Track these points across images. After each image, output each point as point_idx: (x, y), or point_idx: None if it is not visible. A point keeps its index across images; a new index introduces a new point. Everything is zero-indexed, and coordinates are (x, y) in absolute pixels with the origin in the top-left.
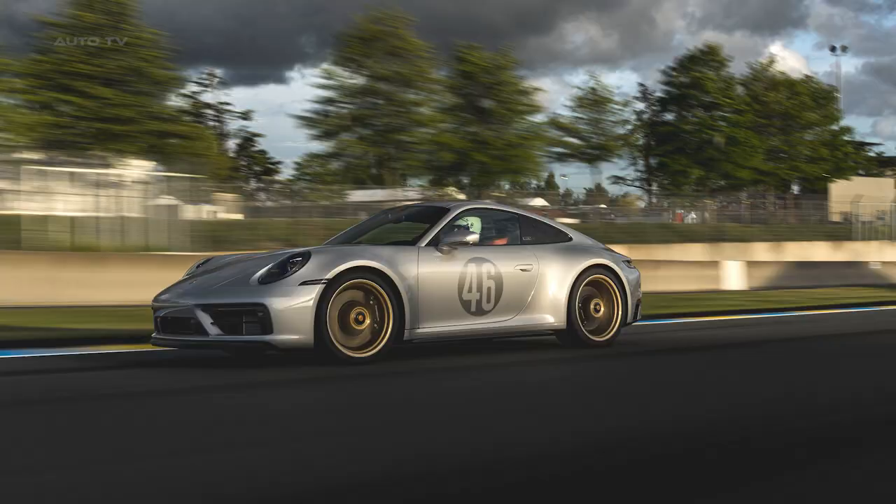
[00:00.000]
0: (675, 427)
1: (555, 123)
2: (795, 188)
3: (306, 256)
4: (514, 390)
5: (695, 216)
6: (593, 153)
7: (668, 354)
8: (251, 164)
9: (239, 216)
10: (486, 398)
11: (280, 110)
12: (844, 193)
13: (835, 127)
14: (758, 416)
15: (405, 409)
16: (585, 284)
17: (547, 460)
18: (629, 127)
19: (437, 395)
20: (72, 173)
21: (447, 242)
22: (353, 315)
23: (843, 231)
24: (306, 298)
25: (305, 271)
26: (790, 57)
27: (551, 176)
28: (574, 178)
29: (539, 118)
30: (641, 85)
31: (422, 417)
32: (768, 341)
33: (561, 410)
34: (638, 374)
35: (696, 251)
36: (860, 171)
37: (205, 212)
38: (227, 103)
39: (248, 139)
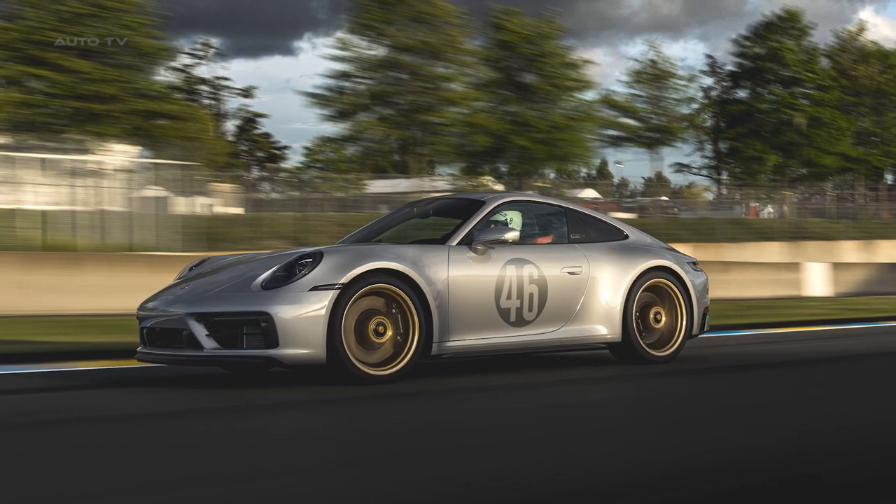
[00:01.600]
0: (748, 457)
1: (608, 102)
2: (889, 177)
3: (317, 257)
4: (560, 414)
5: (772, 210)
6: (653, 137)
7: (740, 372)
8: (253, 149)
9: (239, 210)
10: (526, 423)
11: (287, 86)
12: None
13: None
14: (846, 443)
15: (432, 436)
16: (644, 290)
17: (595, 496)
18: (695, 106)
19: (469, 420)
20: (44, 160)
21: (482, 241)
22: (372, 326)
23: None
24: (317, 306)
25: (316, 275)
26: (883, 24)
27: (604, 163)
28: (630, 165)
29: (590, 96)
30: (709, 57)
31: (451, 445)
32: (858, 356)
33: (614, 437)
34: (704, 395)
35: (772, 251)
36: None
37: (199, 205)
38: (225, 78)
39: (250, 120)
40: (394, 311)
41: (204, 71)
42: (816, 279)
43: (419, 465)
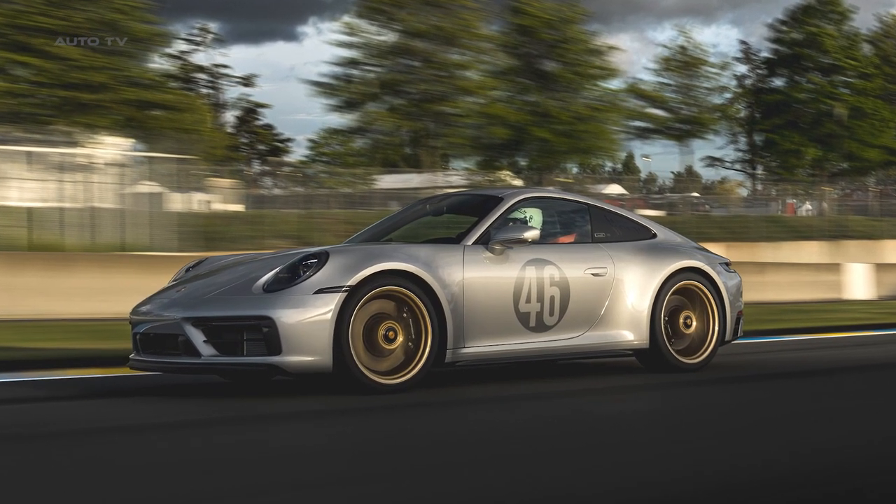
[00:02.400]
0: (787, 471)
1: (635, 91)
2: None
3: (323, 258)
4: (584, 425)
5: (810, 207)
6: (683, 128)
7: (776, 380)
8: (254, 141)
9: (239, 207)
10: (547, 435)
11: (290, 74)
12: None
13: None
14: (890, 457)
15: (445, 450)
16: (673, 293)
17: None
18: (728, 95)
19: (485, 432)
20: (29, 153)
21: (500, 240)
22: (381, 331)
23: None
24: (323, 310)
25: (322, 276)
26: None
27: (630, 157)
28: (659, 159)
29: (615, 84)
30: (744, 43)
31: (465, 459)
32: None
33: (642, 450)
34: (739, 405)
35: (811, 251)
36: None
37: (196, 202)
38: (225, 66)
39: (251, 111)
40: (405, 315)
41: (201, 58)
42: (858, 281)
43: (431, 481)
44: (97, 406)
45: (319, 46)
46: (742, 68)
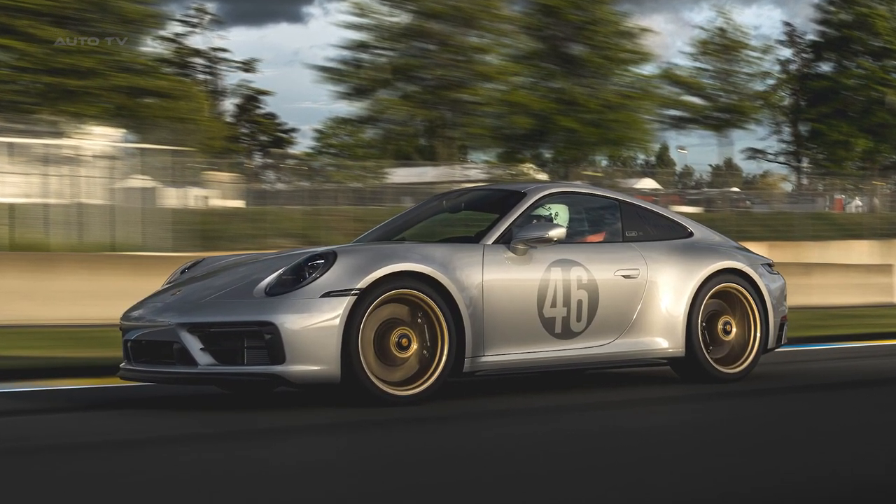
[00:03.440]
0: (837, 488)
1: (670, 77)
2: None
3: (330, 258)
4: (615, 440)
5: (860, 203)
6: (722, 118)
7: (824, 391)
8: (255, 131)
9: (239, 203)
10: (573, 451)
11: (295, 59)
12: None
13: None
14: None
15: (462, 466)
16: (711, 296)
17: None
18: (771, 82)
19: (506, 448)
20: (11, 145)
21: (523, 239)
22: (394, 338)
23: None
24: (330, 316)
25: (329, 278)
26: None
27: (665, 148)
28: (696, 151)
29: (648, 70)
30: (788, 24)
31: (482, 477)
32: None
33: (679, 466)
34: (783, 417)
35: (861, 251)
36: None
37: (192, 197)
38: (223, 49)
39: (252, 98)
40: (419, 320)
41: (198, 41)
42: None
43: (443, 500)
44: (84, 419)
45: (326, 28)
46: (786, 52)
